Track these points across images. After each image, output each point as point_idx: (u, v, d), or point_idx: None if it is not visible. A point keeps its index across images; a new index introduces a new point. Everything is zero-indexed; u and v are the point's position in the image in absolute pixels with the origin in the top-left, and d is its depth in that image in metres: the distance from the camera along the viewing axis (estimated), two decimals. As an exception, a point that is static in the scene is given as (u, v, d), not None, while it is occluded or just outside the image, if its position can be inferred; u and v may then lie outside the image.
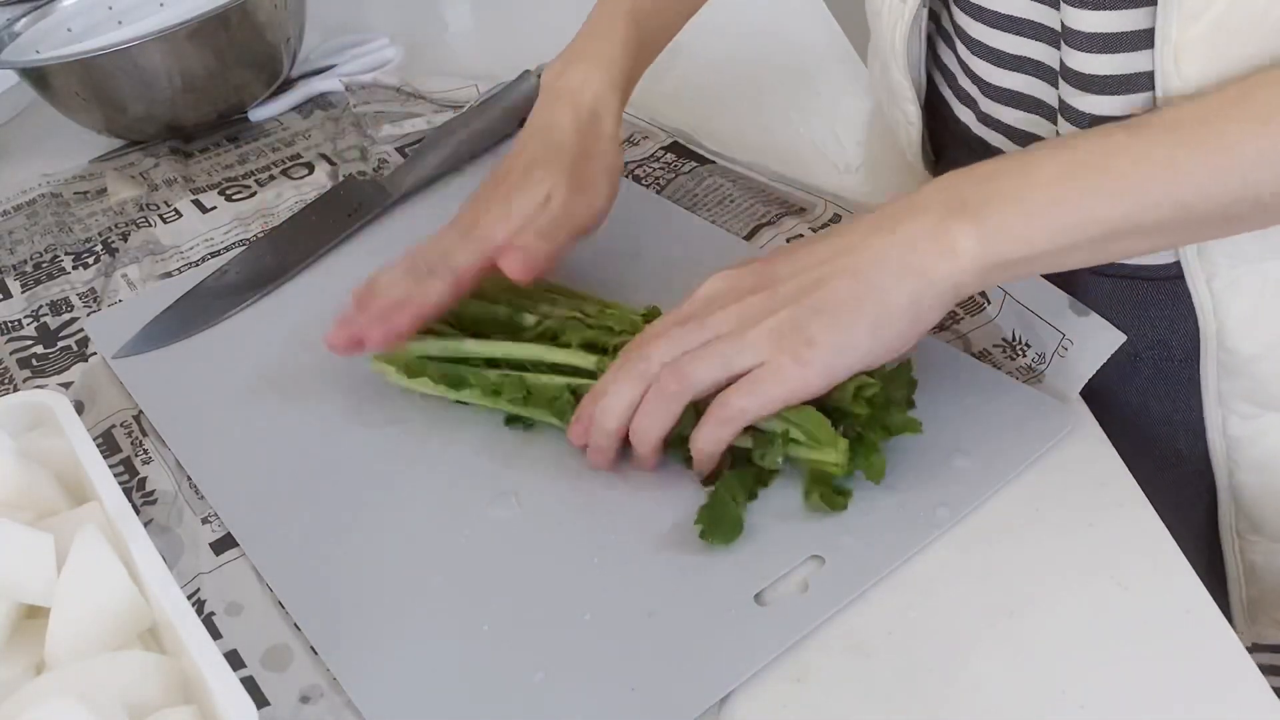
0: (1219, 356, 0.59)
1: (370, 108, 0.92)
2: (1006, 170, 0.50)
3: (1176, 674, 0.45)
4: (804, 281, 0.51)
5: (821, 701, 0.46)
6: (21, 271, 0.80)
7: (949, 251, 0.49)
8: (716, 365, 0.51)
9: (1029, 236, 0.48)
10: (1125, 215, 0.48)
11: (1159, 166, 0.48)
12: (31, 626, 0.48)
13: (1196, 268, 0.57)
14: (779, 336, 0.50)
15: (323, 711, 0.48)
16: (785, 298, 0.51)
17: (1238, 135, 0.47)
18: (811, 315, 0.50)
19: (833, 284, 0.50)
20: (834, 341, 0.50)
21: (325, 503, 0.57)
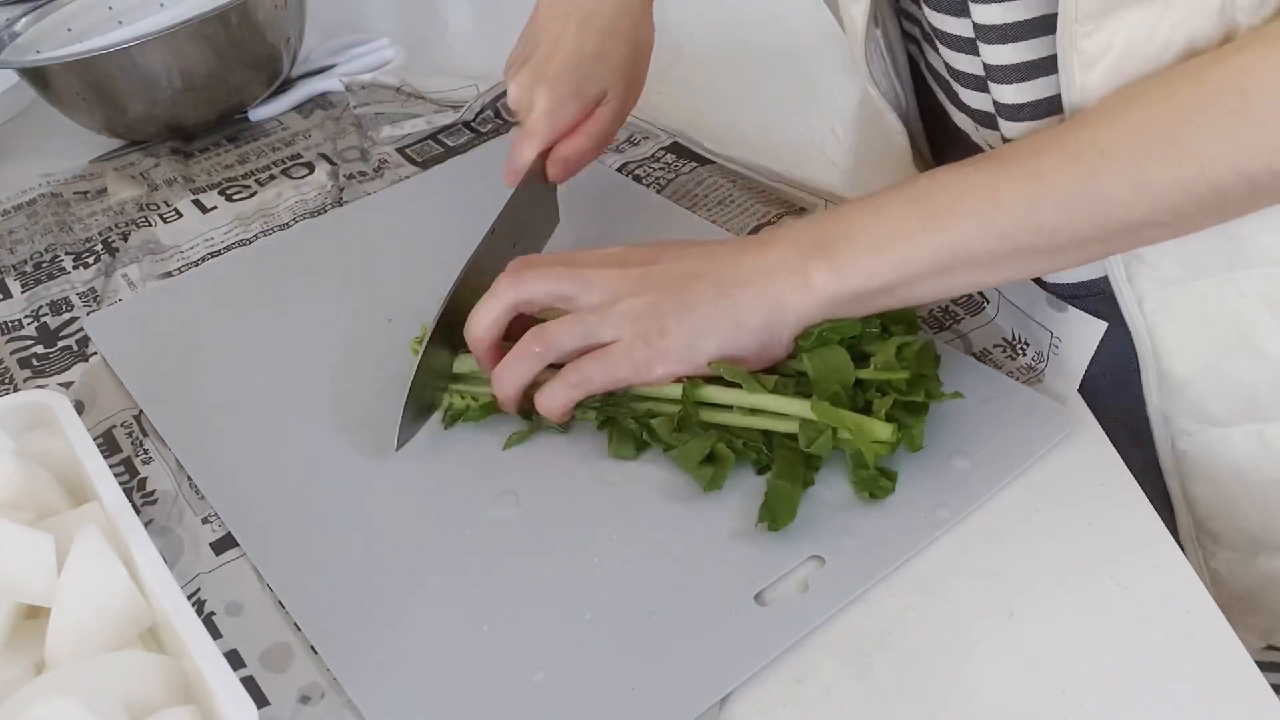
0: (1158, 378, 0.60)
1: (370, 108, 0.93)
2: (862, 210, 0.54)
3: (1176, 674, 0.45)
4: (678, 273, 0.55)
5: (821, 701, 0.46)
6: (21, 271, 0.80)
7: (803, 284, 0.53)
8: (579, 335, 0.55)
9: (871, 271, 0.52)
10: (953, 246, 0.51)
11: (981, 199, 0.50)
12: (31, 626, 0.48)
13: (1127, 291, 0.57)
14: (638, 318, 0.54)
15: (323, 711, 0.48)
16: (656, 284, 0.55)
17: (1052, 168, 0.49)
18: (671, 308, 0.54)
19: (699, 286, 0.54)
20: (684, 339, 0.54)
21: (325, 503, 0.57)
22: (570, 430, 0.58)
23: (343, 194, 0.83)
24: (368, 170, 0.85)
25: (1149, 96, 0.48)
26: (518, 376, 0.56)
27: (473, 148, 0.86)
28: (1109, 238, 0.50)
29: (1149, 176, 0.47)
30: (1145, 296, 0.57)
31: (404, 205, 0.80)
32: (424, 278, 0.70)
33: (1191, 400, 0.59)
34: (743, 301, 0.54)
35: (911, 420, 0.54)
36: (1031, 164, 0.50)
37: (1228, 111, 0.45)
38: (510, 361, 0.56)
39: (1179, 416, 0.60)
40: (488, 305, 0.57)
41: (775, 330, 0.54)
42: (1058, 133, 0.50)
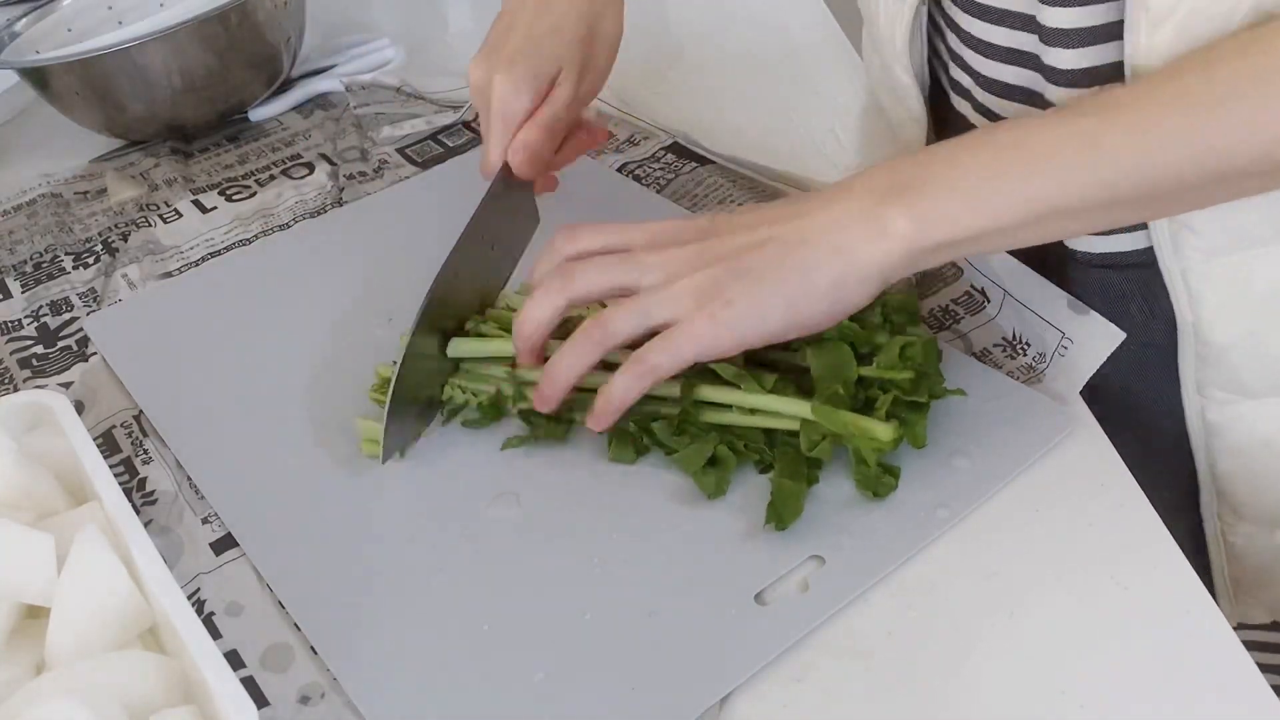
0: (1196, 347, 0.60)
1: (370, 108, 0.93)
2: (939, 155, 0.51)
3: (1176, 673, 0.45)
4: (737, 243, 0.52)
5: (821, 701, 0.46)
6: (21, 271, 0.80)
7: (880, 233, 0.50)
8: (636, 318, 0.52)
9: (958, 218, 0.49)
10: (1051, 195, 0.49)
11: (1082, 146, 0.48)
12: (31, 626, 0.48)
13: (1172, 261, 0.57)
14: (700, 293, 0.51)
15: (323, 711, 0.48)
16: (715, 255, 0.52)
17: (1158, 116, 0.47)
18: (734, 277, 0.51)
19: (761, 251, 0.51)
20: (750, 306, 0.51)
21: (325, 502, 0.57)
22: (569, 438, 0.58)
23: (343, 194, 0.83)
24: (368, 170, 0.85)
25: (1262, 43, 0.47)
26: (574, 369, 0.54)
27: (473, 148, 0.86)
28: (1210, 184, 0.48)
29: (1264, 124, 0.46)
30: (1190, 267, 0.57)
31: (404, 205, 0.80)
32: (424, 278, 0.70)
33: (1227, 370, 0.60)
34: (810, 259, 0.50)
35: (914, 417, 0.54)
36: (1137, 110, 0.48)
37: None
38: (568, 352, 0.54)
39: (1212, 386, 0.61)
40: (539, 305, 0.54)
41: (849, 285, 0.50)
42: (1160, 79, 0.49)
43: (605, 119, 0.86)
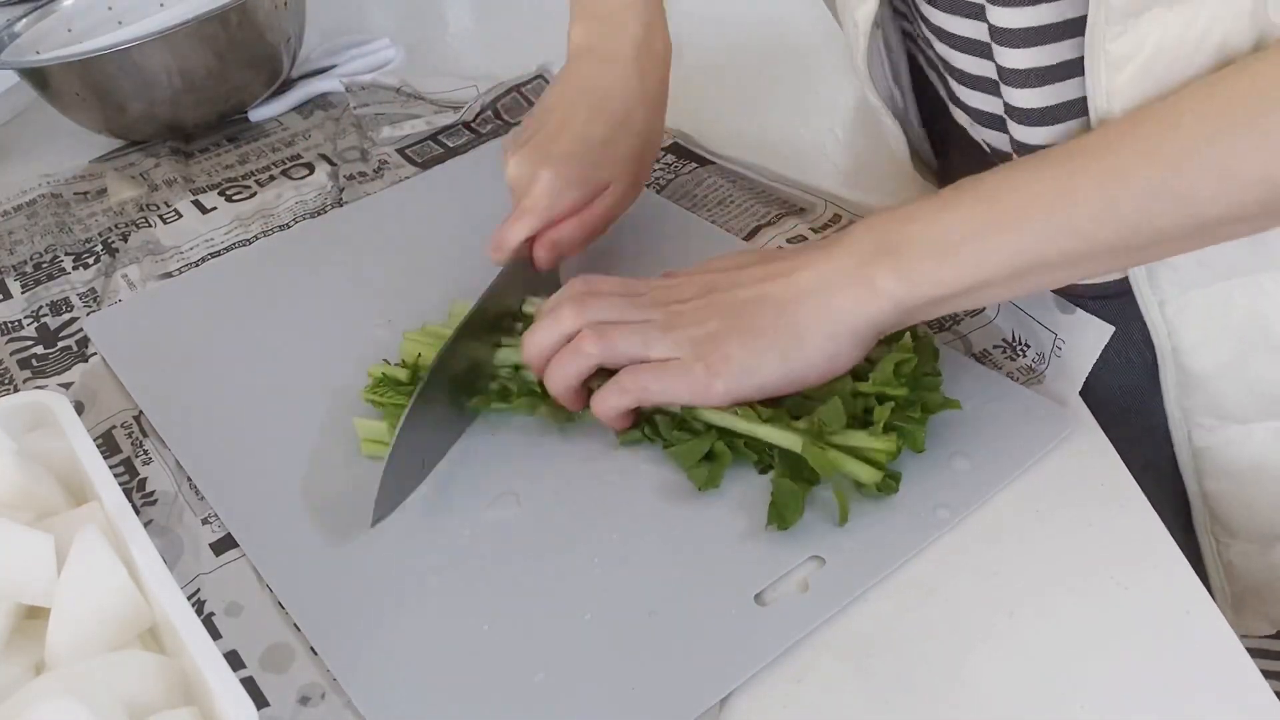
0: (1177, 375, 0.60)
1: (370, 109, 0.93)
2: (925, 212, 0.51)
3: (1176, 674, 0.45)
4: (736, 298, 0.54)
5: (821, 701, 0.46)
6: (21, 272, 0.80)
7: (869, 293, 0.51)
8: (637, 344, 0.54)
9: (942, 276, 0.50)
10: (1029, 249, 0.49)
11: (1056, 199, 0.48)
12: (31, 626, 0.48)
13: (1148, 293, 0.57)
14: (699, 344, 0.53)
15: (323, 711, 0.48)
16: (715, 311, 0.54)
17: (1130, 164, 0.47)
18: (733, 333, 0.53)
19: (758, 307, 0.53)
20: (746, 363, 0.53)
21: (325, 502, 0.57)
22: (569, 431, 0.58)
23: (343, 194, 0.83)
24: (368, 171, 0.85)
25: (1227, 86, 0.46)
26: (569, 374, 0.55)
27: (473, 148, 0.86)
28: (1190, 234, 0.48)
29: (1235, 171, 0.45)
30: (1167, 299, 0.57)
31: (404, 205, 0.80)
32: (424, 278, 0.70)
33: (1211, 397, 0.60)
34: (802, 317, 0.52)
35: (912, 424, 0.54)
36: (1109, 161, 0.48)
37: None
38: (562, 358, 0.55)
39: (1197, 413, 0.61)
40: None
41: (840, 341, 0.52)
42: (1129, 126, 0.48)
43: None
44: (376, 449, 0.58)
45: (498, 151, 0.84)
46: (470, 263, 0.71)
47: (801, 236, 0.71)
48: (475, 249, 0.73)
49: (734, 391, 0.53)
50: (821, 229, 0.71)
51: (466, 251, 0.73)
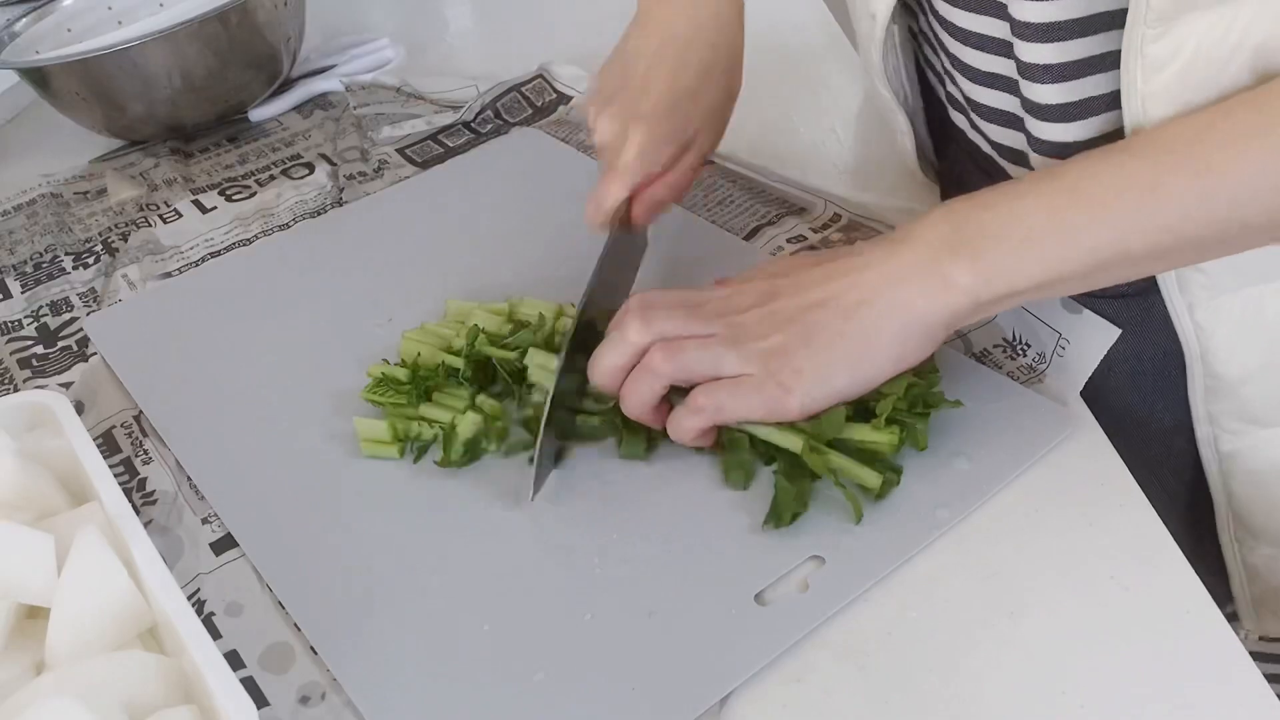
0: (1205, 380, 0.59)
1: (370, 109, 0.93)
2: (998, 203, 0.50)
3: (1176, 674, 0.45)
4: (801, 303, 0.53)
5: (821, 702, 0.46)
6: (21, 271, 0.80)
7: (943, 287, 0.50)
8: (708, 361, 0.53)
9: (1021, 270, 0.49)
10: (1113, 243, 0.48)
11: (1143, 192, 0.48)
12: (31, 626, 0.48)
13: (1178, 299, 0.57)
14: (769, 358, 0.52)
15: (323, 711, 0.48)
16: (781, 320, 0.53)
17: (1221, 157, 0.47)
18: (801, 343, 0.52)
19: (825, 312, 0.52)
20: (817, 375, 0.51)
21: (325, 502, 0.57)
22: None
23: (343, 194, 0.83)
24: (368, 170, 0.85)
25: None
26: (643, 395, 0.54)
27: (473, 148, 0.86)
28: (1277, 226, 0.47)
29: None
30: (1196, 304, 0.57)
31: (404, 205, 0.80)
32: (424, 278, 0.70)
33: (1239, 402, 0.59)
34: (871, 319, 0.51)
35: (915, 421, 0.54)
36: (1196, 152, 0.47)
37: None
38: (635, 379, 0.54)
39: (1225, 417, 0.60)
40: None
41: (912, 341, 0.51)
42: (1219, 118, 0.48)
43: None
44: (376, 449, 0.58)
45: (498, 151, 0.84)
46: (470, 262, 0.71)
47: (801, 236, 0.71)
48: (475, 249, 0.73)
49: (808, 406, 0.52)
50: (821, 229, 0.71)
51: (467, 251, 0.73)
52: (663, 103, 0.62)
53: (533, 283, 0.67)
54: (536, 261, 0.71)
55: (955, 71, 0.61)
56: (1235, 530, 0.64)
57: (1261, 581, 0.65)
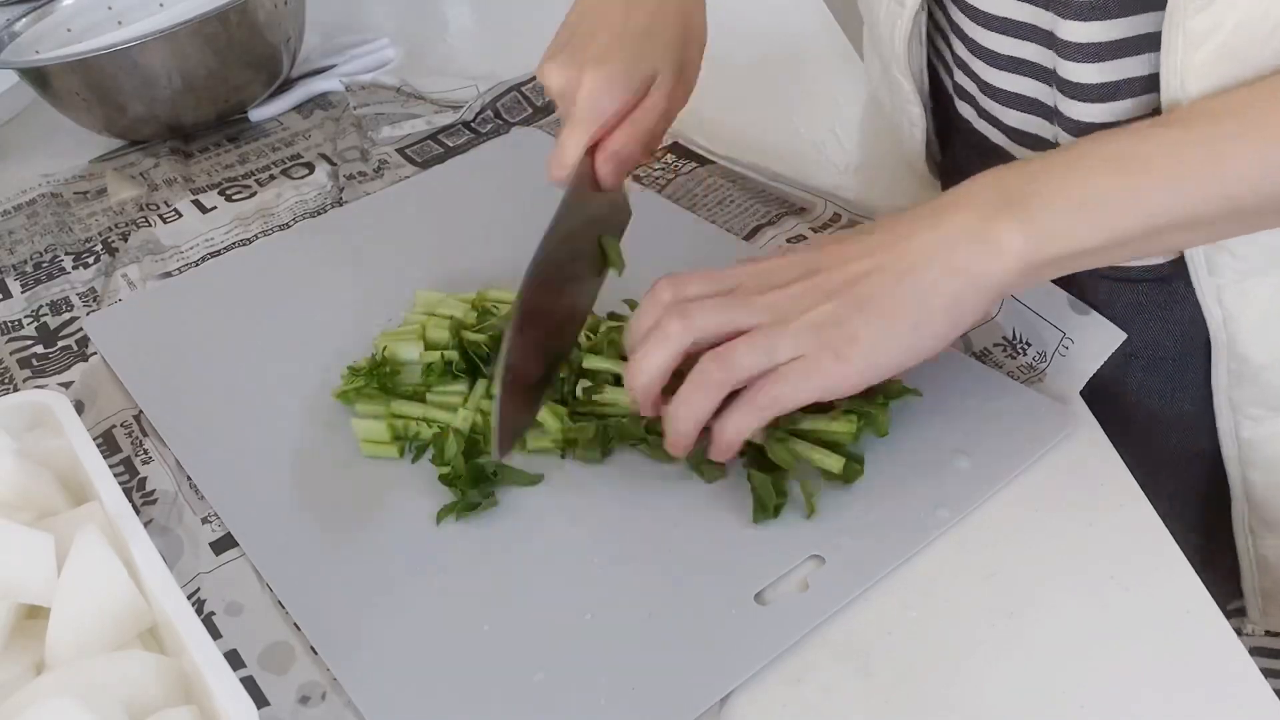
0: (1229, 365, 0.59)
1: (370, 108, 0.93)
2: (1051, 167, 0.49)
3: (1176, 674, 0.45)
4: (848, 274, 0.50)
5: (821, 702, 0.46)
6: (21, 271, 0.80)
7: (994, 250, 0.48)
8: (760, 354, 0.50)
9: (1075, 233, 0.48)
10: (1170, 209, 0.47)
11: (1203, 159, 0.47)
12: (31, 626, 0.48)
13: (1206, 281, 0.57)
14: (821, 330, 0.49)
15: (323, 711, 0.48)
16: (829, 290, 0.50)
17: (1275, 125, 0.46)
18: (854, 310, 0.49)
19: (875, 279, 0.50)
20: (875, 341, 0.49)
21: (326, 502, 0.57)
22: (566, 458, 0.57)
23: (343, 194, 0.83)
24: (368, 170, 0.85)
25: None
26: (699, 410, 0.50)
27: (473, 148, 0.86)
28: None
29: None
30: (1226, 286, 0.57)
31: (404, 205, 0.80)
32: (424, 277, 0.70)
33: (1262, 389, 0.59)
34: (924, 283, 0.49)
35: (874, 410, 0.54)
36: (1256, 119, 0.47)
37: None
38: (689, 394, 0.50)
39: (1247, 404, 0.60)
40: (656, 351, 0.51)
41: (965, 305, 0.49)
42: (1270, 87, 0.47)
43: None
44: (376, 449, 0.58)
45: (498, 151, 0.84)
46: (471, 262, 0.71)
47: (801, 236, 0.71)
48: (475, 248, 0.73)
49: (867, 374, 0.50)
50: (821, 228, 0.71)
51: (467, 251, 0.73)
52: (612, 44, 0.59)
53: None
54: (536, 261, 0.70)
55: (974, 58, 0.61)
56: (1250, 521, 0.64)
57: (1272, 574, 0.65)
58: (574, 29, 0.62)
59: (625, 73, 0.58)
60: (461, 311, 0.64)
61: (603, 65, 0.58)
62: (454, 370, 0.60)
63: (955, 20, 0.62)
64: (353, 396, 0.60)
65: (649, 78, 0.60)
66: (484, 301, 0.65)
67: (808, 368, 0.49)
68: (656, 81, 0.60)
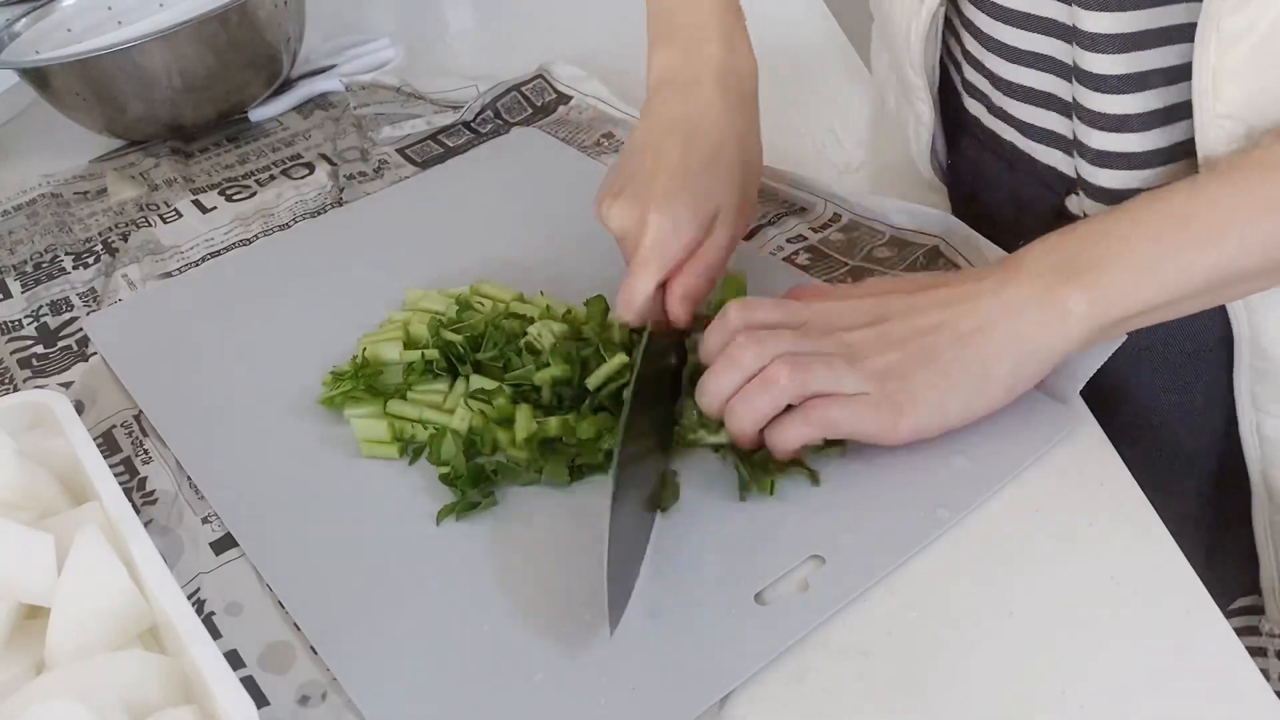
0: (1253, 362, 0.59)
1: (370, 108, 0.93)
2: (1110, 231, 0.50)
3: (1176, 674, 0.45)
4: (914, 326, 0.52)
5: (821, 702, 0.46)
6: (21, 271, 0.80)
7: (1059, 318, 0.50)
8: (829, 379, 0.51)
9: (1139, 295, 0.49)
10: (1232, 262, 0.48)
11: (1260, 210, 0.48)
12: (31, 626, 0.48)
13: None
14: (885, 379, 0.51)
15: (323, 711, 0.48)
16: (896, 340, 0.52)
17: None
18: (918, 365, 0.51)
19: (941, 337, 0.51)
20: (932, 401, 0.51)
21: (325, 502, 0.57)
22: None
23: (343, 194, 0.83)
24: (368, 170, 0.85)
25: None
26: (759, 411, 0.52)
27: (472, 148, 0.86)
28: None
29: None
30: None
31: (404, 205, 0.80)
32: (424, 278, 0.70)
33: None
34: (988, 349, 0.51)
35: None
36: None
37: None
38: (754, 395, 0.52)
39: (1270, 401, 0.60)
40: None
41: (1026, 371, 0.51)
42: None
43: (605, 119, 0.86)
44: (375, 449, 0.58)
45: (498, 151, 0.84)
46: (470, 261, 0.71)
47: (801, 236, 0.71)
48: (475, 248, 0.73)
49: (919, 430, 0.52)
50: (821, 228, 0.71)
51: (467, 251, 0.73)
52: (674, 182, 0.59)
53: (534, 282, 0.67)
54: (537, 261, 0.71)
55: (988, 53, 0.62)
56: (1272, 518, 0.64)
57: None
58: (631, 168, 0.62)
59: (690, 213, 0.58)
60: (444, 305, 0.64)
61: (667, 207, 0.58)
62: (435, 369, 0.60)
63: (968, 15, 0.62)
64: (339, 400, 0.60)
65: (712, 214, 0.60)
66: (475, 294, 0.65)
67: (868, 405, 0.51)
68: (719, 217, 0.60)
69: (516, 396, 0.58)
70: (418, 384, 0.61)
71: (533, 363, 0.59)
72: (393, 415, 0.59)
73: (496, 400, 0.58)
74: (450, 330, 0.62)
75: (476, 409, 0.58)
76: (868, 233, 0.70)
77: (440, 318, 0.64)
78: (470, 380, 0.60)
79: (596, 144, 0.83)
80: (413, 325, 0.64)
